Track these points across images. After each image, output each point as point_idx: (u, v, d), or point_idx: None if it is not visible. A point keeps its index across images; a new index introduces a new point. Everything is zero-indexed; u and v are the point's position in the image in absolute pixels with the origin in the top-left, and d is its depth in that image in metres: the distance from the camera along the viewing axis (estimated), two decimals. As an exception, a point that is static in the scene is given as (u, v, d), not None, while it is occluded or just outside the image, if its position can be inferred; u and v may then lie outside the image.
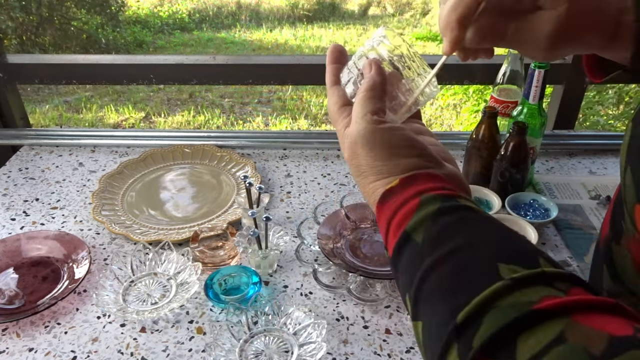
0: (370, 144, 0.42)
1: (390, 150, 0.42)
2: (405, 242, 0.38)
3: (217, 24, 6.35)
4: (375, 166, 0.42)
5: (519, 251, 0.34)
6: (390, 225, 0.40)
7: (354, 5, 6.94)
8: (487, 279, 0.32)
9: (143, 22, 6.07)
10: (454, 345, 0.31)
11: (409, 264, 0.37)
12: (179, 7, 6.43)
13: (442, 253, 0.35)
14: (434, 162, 0.43)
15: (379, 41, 0.46)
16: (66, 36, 5.24)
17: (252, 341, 0.72)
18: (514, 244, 0.35)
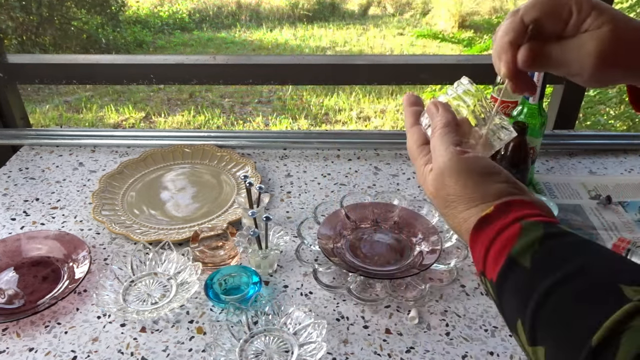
0: (458, 173, 0.44)
1: (478, 177, 0.44)
2: (511, 266, 0.38)
3: (217, 24, 6.35)
4: (465, 194, 0.44)
5: (636, 272, 0.34)
6: (489, 251, 0.40)
7: (354, 5, 6.93)
8: (613, 301, 0.32)
9: (143, 22, 6.06)
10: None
11: (518, 289, 0.38)
12: (179, 7, 6.42)
13: (559, 276, 0.35)
14: (519, 188, 0.44)
15: (462, 89, 0.50)
16: (66, 36, 5.24)
17: (252, 341, 0.73)
18: (627, 265, 0.36)
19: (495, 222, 0.41)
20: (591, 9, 0.43)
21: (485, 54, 2.84)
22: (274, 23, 6.36)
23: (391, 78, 1.35)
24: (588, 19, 0.43)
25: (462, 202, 0.44)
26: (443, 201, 0.46)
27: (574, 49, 0.44)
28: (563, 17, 0.44)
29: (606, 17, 0.43)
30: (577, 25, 0.44)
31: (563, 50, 0.44)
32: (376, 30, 6.08)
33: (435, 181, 0.46)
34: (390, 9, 6.88)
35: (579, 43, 0.44)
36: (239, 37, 5.92)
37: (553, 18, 0.44)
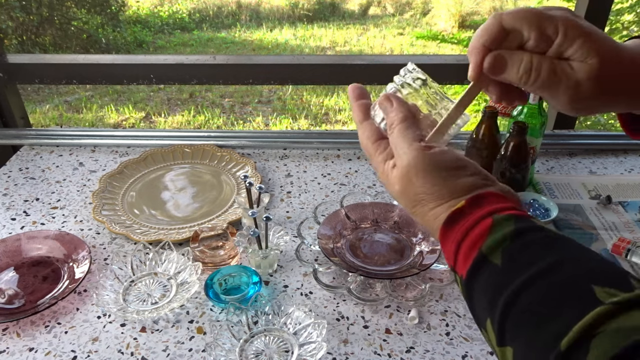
0: (425, 170, 0.42)
1: (447, 172, 0.42)
2: (481, 263, 0.37)
3: (217, 24, 6.35)
4: (434, 191, 0.42)
5: (610, 272, 0.33)
6: (461, 247, 0.39)
7: (354, 5, 6.93)
8: (585, 303, 0.31)
9: (143, 22, 6.06)
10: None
11: (488, 287, 0.37)
12: (179, 7, 6.42)
13: (530, 274, 0.34)
14: (490, 179, 0.43)
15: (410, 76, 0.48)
16: (66, 36, 5.24)
17: (252, 341, 0.73)
18: (601, 265, 0.34)
19: (466, 217, 0.39)
20: (579, 36, 0.40)
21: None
22: (274, 23, 6.36)
23: (391, 78, 1.35)
24: (574, 45, 0.40)
25: (432, 200, 0.42)
26: (411, 200, 0.44)
27: (561, 72, 0.41)
28: (547, 33, 0.40)
29: (593, 49, 0.40)
30: (561, 48, 0.40)
31: (552, 68, 0.41)
32: (376, 30, 6.08)
33: (401, 180, 0.44)
34: (390, 9, 6.88)
35: (566, 70, 0.40)
36: (239, 37, 5.92)
37: (535, 31, 0.41)
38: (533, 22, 0.40)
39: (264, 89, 4.28)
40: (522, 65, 0.41)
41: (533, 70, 0.41)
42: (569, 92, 0.40)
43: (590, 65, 0.39)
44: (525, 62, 0.41)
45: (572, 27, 0.40)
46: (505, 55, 0.41)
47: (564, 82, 0.40)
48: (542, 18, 0.40)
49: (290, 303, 0.77)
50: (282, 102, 4.16)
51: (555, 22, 0.40)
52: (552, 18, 0.40)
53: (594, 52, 0.39)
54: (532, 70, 0.41)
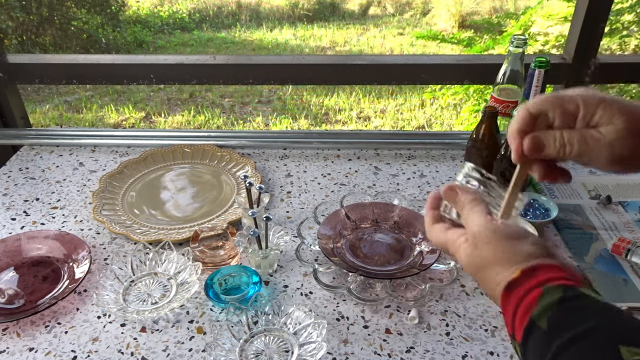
0: (490, 237, 0.48)
1: (509, 241, 0.47)
2: (531, 329, 0.41)
3: (217, 24, 6.35)
4: (496, 257, 0.47)
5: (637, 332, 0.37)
6: (517, 313, 0.43)
7: (354, 5, 6.93)
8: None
9: (143, 22, 6.06)
10: None
11: (535, 351, 0.40)
12: (179, 7, 6.42)
13: (567, 339, 0.38)
14: (548, 250, 0.47)
15: (468, 176, 0.56)
16: (66, 36, 5.24)
17: (252, 341, 0.73)
18: (631, 326, 0.38)
19: (521, 286, 0.43)
20: (598, 103, 0.44)
21: (485, 54, 2.84)
22: (274, 23, 6.36)
23: (391, 78, 1.35)
24: (597, 112, 0.44)
25: (495, 265, 0.47)
26: (477, 266, 0.48)
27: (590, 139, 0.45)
28: (570, 110, 0.46)
29: (615, 110, 0.44)
30: (586, 118, 0.45)
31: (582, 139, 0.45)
32: (376, 30, 6.08)
33: (469, 248, 0.49)
34: (390, 9, 6.88)
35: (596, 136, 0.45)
36: (239, 37, 5.92)
37: (559, 111, 0.46)
38: (555, 103, 0.46)
39: (264, 89, 4.28)
40: (556, 141, 0.46)
41: (567, 143, 0.46)
42: (605, 154, 0.45)
43: (617, 125, 0.44)
44: (558, 137, 0.46)
45: (590, 97, 0.45)
46: (540, 136, 0.47)
47: (597, 146, 0.44)
48: (561, 99, 0.46)
49: (290, 303, 0.77)
50: (282, 102, 4.16)
51: (574, 99, 0.45)
52: (570, 96, 0.46)
53: (617, 113, 0.44)
54: (566, 144, 0.46)
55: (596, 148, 0.45)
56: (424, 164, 1.19)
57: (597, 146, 0.44)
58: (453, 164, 1.18)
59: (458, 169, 0.56)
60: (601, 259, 0.88)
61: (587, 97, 0.45)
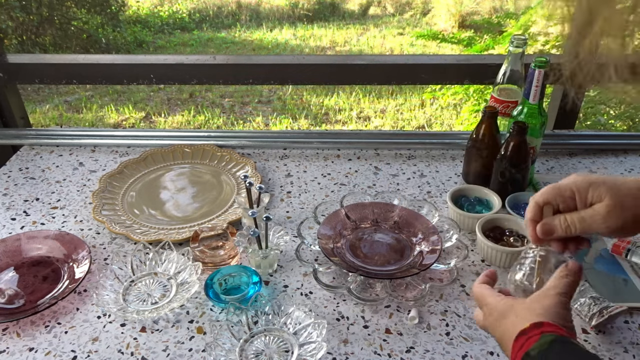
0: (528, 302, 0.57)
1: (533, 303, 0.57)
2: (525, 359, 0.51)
3: (217, 24, 6.35)
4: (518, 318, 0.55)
5: None
6: (519, 352, 0.52)
7: (354, 5, 6.93)
8: None
9: (143, 22, 6.06)
10: None
11: None
12: (179, 7, 6.42)
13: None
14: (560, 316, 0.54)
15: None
16: (66, 36, 5.23)
17: (252, 341, 0.73)
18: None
19: (527, 334, 0.52)
20: (588, 186, 0.57)
21: (485, 54, 2.84)
22: (274, 23, 6.36)
23: (391, 78, 1.35)
24: (588, 194, 0.56)
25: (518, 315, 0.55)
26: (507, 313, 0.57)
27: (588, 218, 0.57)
28: (568, 196, 0.58)
29: (603, 189, 0.56)
30: (582, 200, 0.57)
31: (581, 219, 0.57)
32: (376, 30, 6.08)
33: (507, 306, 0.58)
34: (390, 9, 6.88)
35: (591, 214, 0.56)
36: (239, 37, 5.92)
37: (561, 199, 0.58)
38: (555, 194, 0.59)
39: (264, 89, 4.28)
40: (562, 224, 0.58)
41: (570, 225, 0.58)
42: (602, 227, 0.56)
43: (606, 202, 0.55)
44: (562, 221, 0.58)
45: (581, 182, 0.57)
46: (549, 222, 0.59)
47: (595, 222, 0.56)
48: (558, 189, 0.59)
49: (290, 303, 0.77)
50: (282, 102, 4.16)
51: (569, 187, 0.58)
52: (565, 185, 0.58)
53: (604, 192, 0.55)
54: (569, 225, 0.58)
55: (594, 223, 0.56)
56: (424, 164, 1.19)
57: (594, 221, 0.56)
58: (453, 164, 1.18)
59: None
60: (601, 259, 0.88)
61: (578, 183, 0.57)
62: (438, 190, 1.09)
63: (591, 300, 0.76)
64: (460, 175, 1.13)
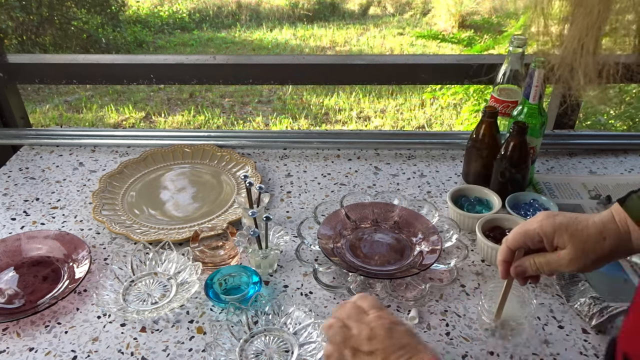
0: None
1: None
2: None
3: (217, 23, 6.35)
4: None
5: None
6: None
7: (354, 5, 6.93)
8: None
9: (143, 22, 6.06)
10: None
11: None
12: (179, 7, 6.42)
13: None
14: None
15: None
16: (66, 36, 5.23)
17: (252, 341, 0.73)
18: None
19: None
20: (553, 232, 0.62)
21: (485, 54, 2.84)
22: (274, 23, 6.36)
23: (391, 78, 1.35)
24: (555, 239, 0.62)
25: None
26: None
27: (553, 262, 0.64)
28: (535, 240, 0.64)
29: (566, 236, 0.61)
30: (550, 244, 0.63)
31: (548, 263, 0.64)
32: (376, 30, 6.08)
33: None
34: (390, 9, 6.88)
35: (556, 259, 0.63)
36: (239, 37, 5.92)
37: (529, 243, 0.65)
38: (525, 240, 0.65)
39: (264, 89, 4.28)
40: (532, 266, 0.65)
41: (539, 267, 0.65)
42: (567, 270, 0.63)
43: (568, 249, 0.62)
44: (532, 264, 0.65)
45: (546, 227, 0.63)
46: (521, 265, 0.67)
47: (560, 265, 0.63)
48: (527, 234, 0.65)
49: (290, 303, 0.77)
50: (282, 102, 4.16)
51: (536, 232, 0.64)
52: (533, 231, 0.64)
53: (567, 239, 0.62)
54: (538, 268, 0.65)
55: (559, 267, 0.63)
56: (424, 164, 1.19)
57: (560, 265, 0.63)
58: (453, 164, 1.18)
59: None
60: (601, 259, 0.88)
61: (544, 228, 0.63)
62: (438, 190, 1.09)
63: (591, 300, 0.76)
64: (460, 175, 1.13)
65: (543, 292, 0.82)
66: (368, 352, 0.55)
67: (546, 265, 0.64)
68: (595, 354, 0.72)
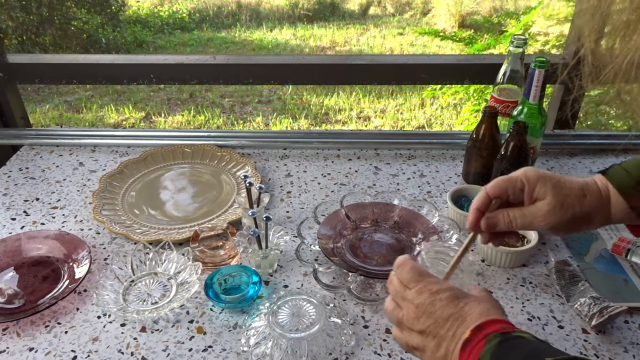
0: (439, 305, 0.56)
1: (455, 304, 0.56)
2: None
3: (217, 23, 6.35)
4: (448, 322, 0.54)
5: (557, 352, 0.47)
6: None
7: (354, 5, 6.93)
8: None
9: (143, 22, 6.06)
10: None
11: None
12: (179, 7, 6.42)
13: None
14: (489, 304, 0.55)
15: None
16: (66, 36, 5.24)
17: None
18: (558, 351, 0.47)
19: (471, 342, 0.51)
20: (537, 180, 0.61)
21: (485, 53, 2.84)
22: (274, 23, 6.36)
23: (391, 78, 1.35)
24: (537, 188, 0.60)
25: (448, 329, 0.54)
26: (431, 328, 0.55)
27: (529, 215, 0.61)
28: (518, 188, 0.61)
29: (549, 186, 0.60)
30: (529, 193, 0.61)
31: (523, 216, 0.61)
32: (376, 30, 6.08)
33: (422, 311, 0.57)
34: (390, 9, 6.88)
35: (533, 210, 0.61)
36: (239, 37, 5.92)
37: (511, 190, 0.62)
38: (507, 185, 0.62)
39: (264, 89, 4.28)
40: (504, 219, 0.62)
41: (512, 220, 0.62)
42: (542, 224, 0.61)
43: (548, 200, 0.60)
44: (505, 216, 0.62)
45: (532, 175, 0.61)
46: (494, 217, 0.63)
47: (535, 219, 0.61)
48: (509, 180, 0.62)
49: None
50: (282, 102, 4.16)
51: (520, 178, 0.61)
52: (517, 176, 0.62)
53: (550, 188, 0.60)
54: (511, 220, 0.62)
55: (534, 220, 0.61)
56: (424, 164, 1.19)
57: (535, 218, 0.61)
58: (453, 164, 1.18)
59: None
60: (601, 258, 0.88)
61: (529, 175, 0.61)
62: (438, 190, 1.09)
63: (591, 300, 0.76)
64: (460, 175, 1.13)
65: (543, 292, 0.82)
66: (419, 331, 0.54)
67: (520, 218, 0.61)
68: (595, 354, 0.72)
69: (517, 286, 0.83)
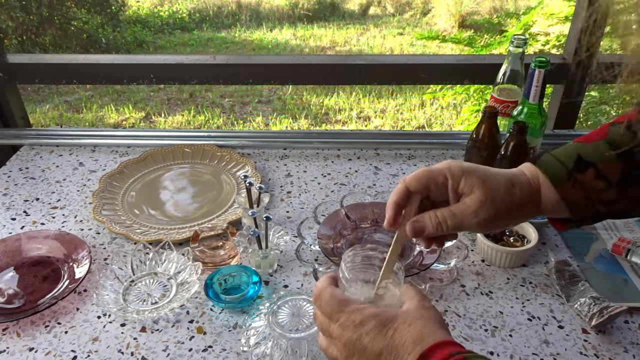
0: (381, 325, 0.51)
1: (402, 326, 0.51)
2: None
3: (217, 23, 6.35)
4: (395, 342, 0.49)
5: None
6: None
7: (354, 5, 6.93)
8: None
9: (143, 22, 6.06)
10: None
11: None
12: (179, 7, 6.42)
13: None
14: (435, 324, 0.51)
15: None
16: (66, 36, 5.24)
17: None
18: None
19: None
20: (462, 174, 0.54)
21: (485, 53, 2.84)
22: (274, 23, 6.36)
23: (391, 78, 1.35)
24: (462, 183, 0.54)
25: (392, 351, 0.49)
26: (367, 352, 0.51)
27: (459, 214, 0.54)
28: (439, 182, 0.55)
29: (475, 180, 0.54)
30: (454, 187, 0.55)
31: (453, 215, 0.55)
32: (376, 30, 6.08)
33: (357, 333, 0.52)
34: (390, 9, 6.88)
35: (462, 208, 0.54)
36: (239, 37, 5.92)
37: (433, 185, 0.55)
38: (428, 180, 0.55)
39: (264, 89, 4.28)
40: (432, 221, 0.55)
41: (441, 221, 0.55)
42: (473, 221, 0.54)
43: (476, 194, 0.54)
44: (433, 218, 0.55)
45: (455, 169, 0.55)
46: (420, 220, 0.55)
47: (466, 216, 0.54)
48: (431, 172, 0.55)
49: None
50: (282, 102, 4.16)
51: (442, 172, 0.55)
52: (439, 169, 0.55)
53: (476, 183, 0.54)
54: (441, 222, 0.55)
55: (465, 219, 0.54)
56: (424, 164, 1.19)
57: (466, 217, 0.54)
58: (453, 164, 1.18)
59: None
60: (601, 258, 0.88)
61: (452, 169, 0.55)
62: (438, 190, 1.09)
63: (591, 300, 0.76)
64: (460, 175, 1.13)
65: (543, 292, 0.82)
66: None
67: (450, 218, 0.54)
68: (595, 354, 0.72)
69: (517, 286, 0.83)
